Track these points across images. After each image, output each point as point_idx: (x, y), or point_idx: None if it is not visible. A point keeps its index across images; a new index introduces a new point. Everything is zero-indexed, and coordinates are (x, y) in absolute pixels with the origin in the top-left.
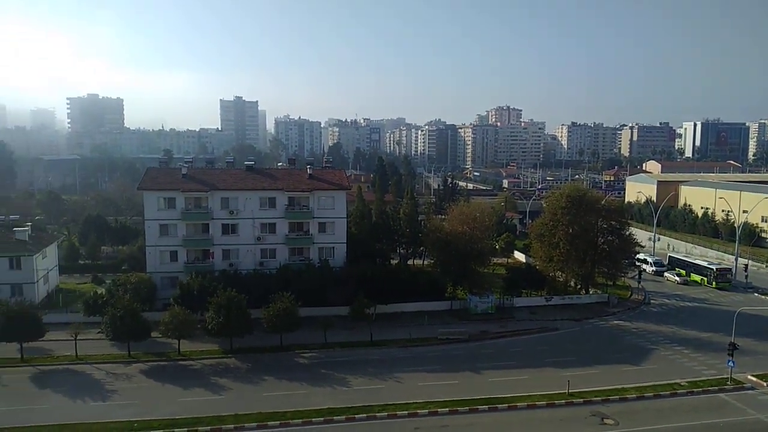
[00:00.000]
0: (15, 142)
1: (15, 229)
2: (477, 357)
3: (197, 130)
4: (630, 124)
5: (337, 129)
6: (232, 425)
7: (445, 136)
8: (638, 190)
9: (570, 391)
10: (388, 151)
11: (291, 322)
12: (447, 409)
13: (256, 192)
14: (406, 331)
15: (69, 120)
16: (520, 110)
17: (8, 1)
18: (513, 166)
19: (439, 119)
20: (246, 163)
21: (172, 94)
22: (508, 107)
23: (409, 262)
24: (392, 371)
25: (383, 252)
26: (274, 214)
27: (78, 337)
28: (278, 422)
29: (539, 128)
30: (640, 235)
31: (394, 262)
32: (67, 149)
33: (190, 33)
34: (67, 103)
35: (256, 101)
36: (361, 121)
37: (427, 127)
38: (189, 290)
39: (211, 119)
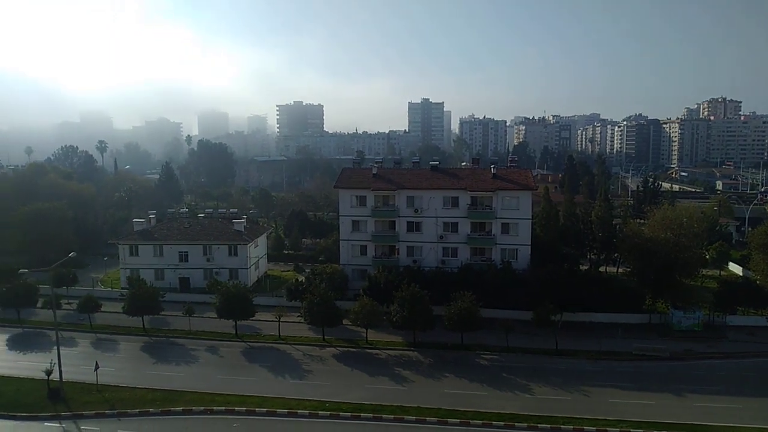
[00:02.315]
0: (234, 145)
1: (233, 221)
2: (679, 378)
3: (386, 132)
4: None
5: (524, 127)
6: (414, 417)
7: (645, 132)
8: None
9: None
10: (580, 149)
11: (472, 322)
12: (641, 430)
13: (439, 191)
14: (595, 342)
15: (278, 125)
16: (739, 102)
17: (235, 25)
18: (729, 165)
19: (639, 114)
20: (431, 163)
21: (365, 99)
22: (724, 99)
23: (601, 268)
24: (579, 383)
25: (571, 256)
26: (457, 213)
27: (281, 319)
28: (458, 420)
29: (763, 122)
30: None
31: (583, 267)
32: (276, 151)
33: (383, 42)
34: (277, 110)
35: (442, 102)
36: (550, 117)
37: (624, 122)
38: (376, 283)
39: (399, 122)
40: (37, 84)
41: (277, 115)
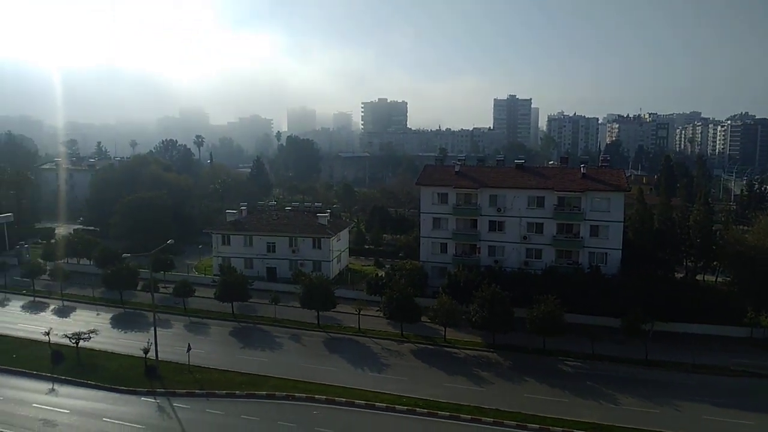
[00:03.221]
0: (321, 140)
1: (318, 214)
2: None
3: (470, 129)
4: None
5: (617, 125)
6: (492, 419)
7: (752, 132)
8: None
9: None
10: (678, 149)
11: (555, 327)
12: None
13: (524, 190)
14: (689, 354)
15: (362, 122)
16: None
17: (327, 27)
18: None
19: (746, 113)
20: (516, 161)
21: (449, 96)
22: None
23: (698, 277)
24: (670, 396)
25: (666, 263)
26: (542, 213)
27: (361, 312)
28: (538, 426)
29: None
30: None
31: (678, 275)
32: (360, 147)
33: (470, 40)
34: (362, 107)
35: (529, 99)
36: (646, 115)
37: (729, 121)
38: (456, 281)
39: (483, 119)
40: (143, 81)
41: (362, 112)
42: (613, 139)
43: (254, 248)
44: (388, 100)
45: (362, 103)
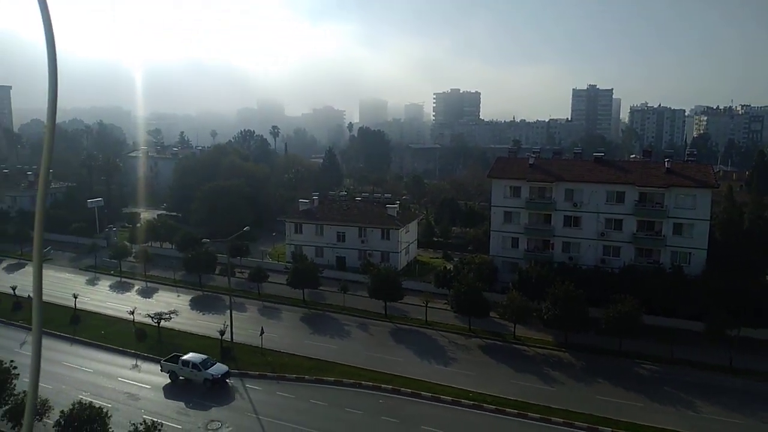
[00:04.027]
0: (391, 132)
1: (387, 206)
2: None
3: (546, 120)
4: None
5: (705, 117)
6: (561, 419)
7: None
8: None
9: None
10: None
11: (632, 328)
12: None
13: (603, 185)
14: None
15: (434, 113)
16: None
17: (401, 17)
18: None
19: None
20: (594, 154)
21: (526, 86)
22: None
23: None
24: (756, 407)
25: (757, 264)
26: (622, 209)
27: (428, 305)
28: (610, 429)
29: None
30: None
31: None
32: (431, 139)
33: (551, 27)
34: (434, 98)
35: (611, 89)
36: (738, 107)
37: None
38: (528, 277)
39: (561, 110)
40: (225, 74)
41: (434, 103)
42: (701, 132)
43: (325, 237)
44: (461, 91)
45: (434, 93)
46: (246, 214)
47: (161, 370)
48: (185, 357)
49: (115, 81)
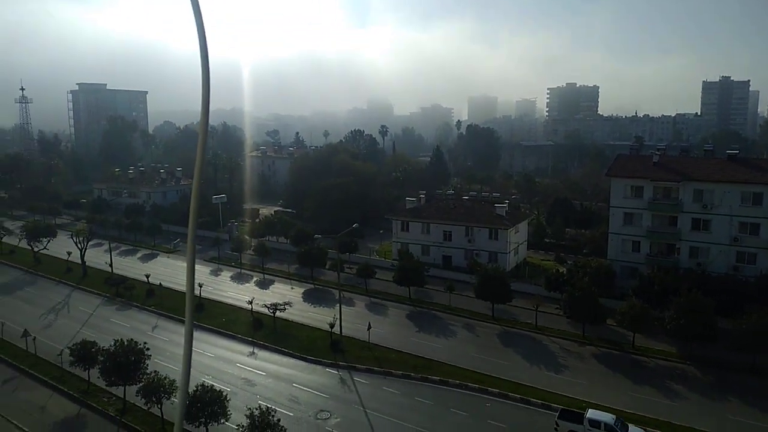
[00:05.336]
0: (501, 129)
1: (495, 205)
2: None
3: (672, 115)
4: None
5: None
6: None
7: None
8: None
9: None
10: None
11: None
12: None
13: (737, 185)
14: None
15: (547, 108)
16: None
17: (516, 12)
18: None
19: None
20: (728, 151)
21: (650, 78)
22: None
23: None
24: None
25: None
26: (759, 212)
27: (538, 309)
28: None
29: None
30: None
31: None
32: (544, 136)
33: (676, 15)
34: (547, 93)
35: (747, 81)
36: None
37: None
38: (649, 283)
39: (689, 104)
40: (338, 74)
41: (548, 98)
42: None
43: (431, 236)
44: (578, 85)
45: (548, 88)
46: (355, 211)
47: (556, 430)
48: (590, 416)
49: (237, 83)
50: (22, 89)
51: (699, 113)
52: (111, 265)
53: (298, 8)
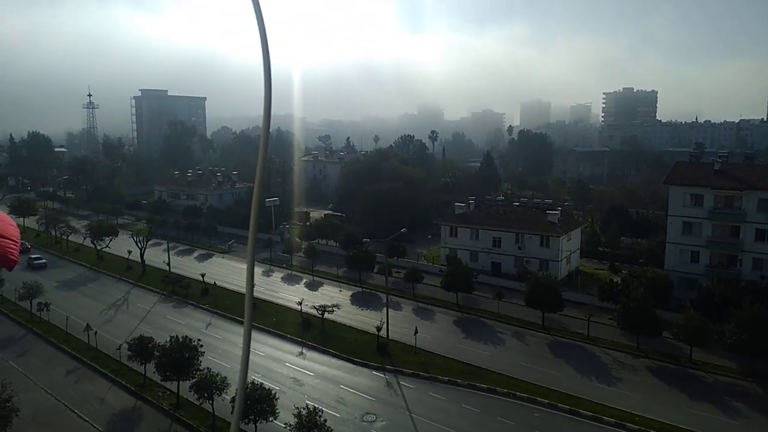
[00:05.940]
0: (554, 134)
1: (548, 212)
2: None
3: (736, 121)
4: None
5: None
6: None
7: None
8: None
9: None
10: None
11: None
12: None
13: None
14: None
15: (603, 114)
16: None
17: (572, 16)
18: None
19: None
20: None
21: (712, 82)
22: None
23: None
24: None
25: None
26: None
27: (590, 319)
28: None
29: None
30: None
31: None
32: (599, 141)
33: (742, 15)
34: (603, 98)
35: None
36: None
37: None
38: (709, 296)
39: (755, 109)
40: (389, 80)
41: (603, 103)
42: None
43: (480, 242)
44: (635, 90)
45: (604, 93)
46: (403, 216)
47: None
48: None
49: (291, 90)
50: (90, 95)
51: (765, 118)
52: (169, 264)
53: (352, 16)
